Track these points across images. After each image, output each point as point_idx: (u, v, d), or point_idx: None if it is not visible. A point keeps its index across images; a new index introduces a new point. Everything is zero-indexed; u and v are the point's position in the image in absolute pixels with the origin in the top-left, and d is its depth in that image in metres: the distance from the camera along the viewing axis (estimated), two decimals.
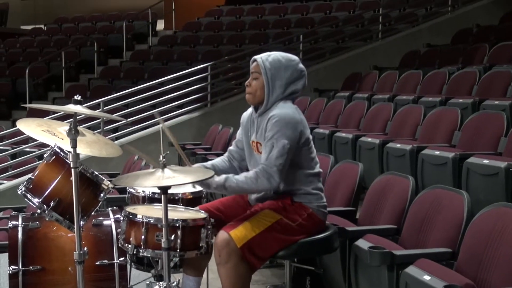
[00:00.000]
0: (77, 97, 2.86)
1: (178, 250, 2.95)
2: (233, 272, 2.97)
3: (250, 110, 3.35)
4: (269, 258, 3.10)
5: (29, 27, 16.69)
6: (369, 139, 5.39)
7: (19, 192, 3.02)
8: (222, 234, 2.98)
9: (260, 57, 3.20)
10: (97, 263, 3.25)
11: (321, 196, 3.21)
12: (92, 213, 3.15)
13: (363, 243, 3.13)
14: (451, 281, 2.53)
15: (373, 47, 9.93)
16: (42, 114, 8.12)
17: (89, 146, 3.00)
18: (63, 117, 6.98)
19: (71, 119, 2.79)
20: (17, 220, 3.28)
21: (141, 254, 3.00)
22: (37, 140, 6.89)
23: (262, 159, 3.06)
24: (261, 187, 3.04)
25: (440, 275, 2.62)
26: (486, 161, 3.94)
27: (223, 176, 3.09)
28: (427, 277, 2.64)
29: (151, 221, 2.96)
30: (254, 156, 3.25)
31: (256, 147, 3.22)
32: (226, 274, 2.99)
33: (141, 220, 2.97)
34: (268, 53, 3.23)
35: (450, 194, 3.22)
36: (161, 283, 2.95)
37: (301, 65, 3.24)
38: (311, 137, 3.19)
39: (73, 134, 2.77)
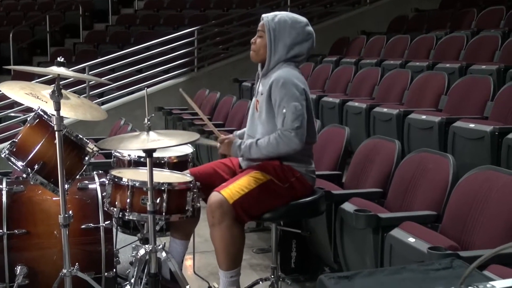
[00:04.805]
0: (60, 59, 2.81)
1: (163, 214, 2.95)
2: (227, 233, 2.95)
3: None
4: (258, 217, 3.09)
5: None
6: (356, 104, 5.37)
7: (2, 155, 2.98)
8: (214, 195, 2.95)
9: (267, 16, 3.18)
10: (83, 226, 3.23)
11: (310, 161, 3.21)
12: (77, 177, 3.13)
13: (348, 206, 3.15)
14: (435, 243, 2.55)
15: (361, 12, 9.85)
16: (27, 79, 7.98)
17: (73, 109, 2.96)
18: (49, 83, 6.88)
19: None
20: (1, 184, 3.26)
21: (126, 217, 3.01)
22: (22, 105, 6.83)
23: (278, 125, 3.04)
24: (283, 151, 3.04)
25: (424, 237, 2.64)
26: (472, 125, 3.95)
27: (247, 144, 3.09)
28: (411, 239, 2.66)
29: (137, 184, 2.95)
30: (254, 113, 3.25)
31: (256, 105, 3.24)
32: (219, 235, 2.96)
33: (127, 183, 2.97)
34: (276, 12, 3.21)
35: (435, 157, 3.22)
36: (146, 246, 2.96)
37: (309, 28, 3.21)
38: (311, 106, 3.18)
39: (57, 97, 2.73)
